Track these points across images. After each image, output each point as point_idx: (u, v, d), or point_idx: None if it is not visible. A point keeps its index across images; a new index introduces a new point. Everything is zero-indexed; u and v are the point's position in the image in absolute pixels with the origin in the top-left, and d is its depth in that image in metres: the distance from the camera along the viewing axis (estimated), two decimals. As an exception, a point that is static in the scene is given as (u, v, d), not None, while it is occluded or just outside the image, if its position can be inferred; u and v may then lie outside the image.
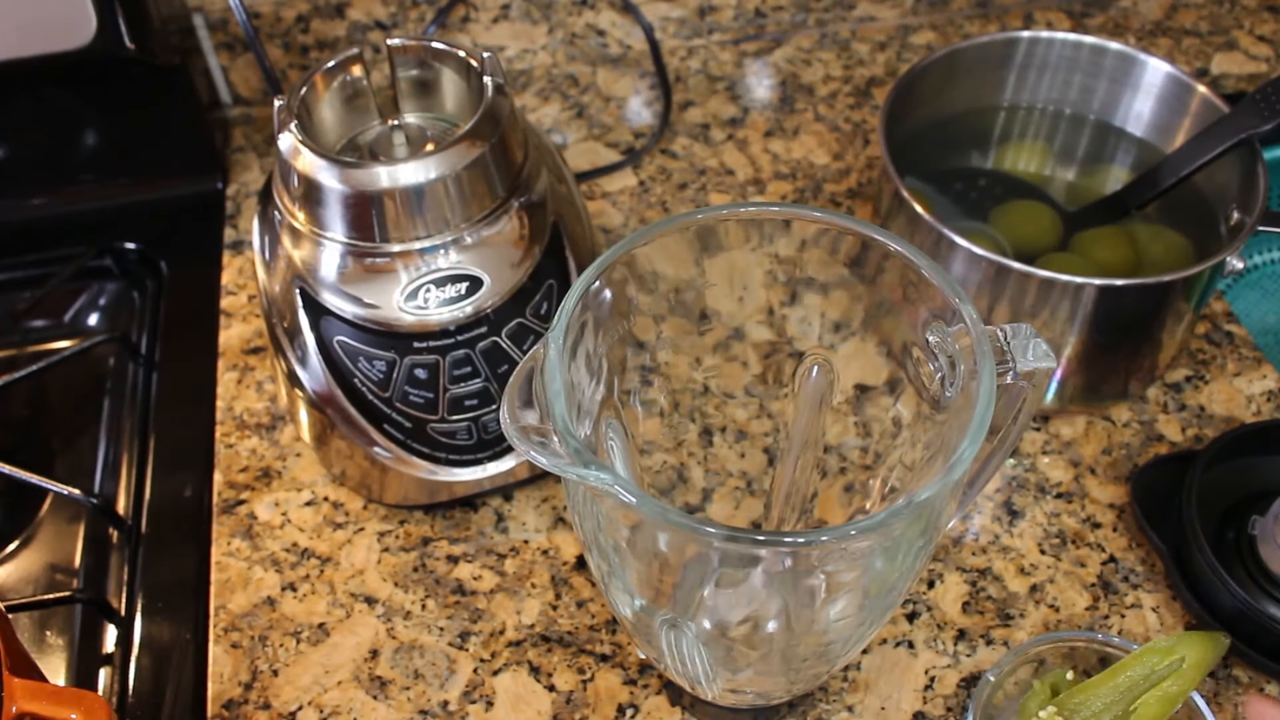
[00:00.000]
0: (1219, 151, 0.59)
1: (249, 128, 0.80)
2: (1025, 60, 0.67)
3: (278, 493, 0.61)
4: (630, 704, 0.53)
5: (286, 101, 0.53)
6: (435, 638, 0.55)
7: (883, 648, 0.54)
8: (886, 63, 0.83)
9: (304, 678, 0.54)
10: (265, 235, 0.56)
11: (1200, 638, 0.48)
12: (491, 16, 0.81)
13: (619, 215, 0.74)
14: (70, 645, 0.57)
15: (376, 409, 0.54)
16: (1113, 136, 0.67)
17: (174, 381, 0.67)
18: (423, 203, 0.51)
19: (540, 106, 0.81)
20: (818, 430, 0.50)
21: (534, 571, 0.57)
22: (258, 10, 0.77)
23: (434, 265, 0.52)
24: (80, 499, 0.60)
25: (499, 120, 0.52)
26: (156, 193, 0.76)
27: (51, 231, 0.75)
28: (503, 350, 0.54)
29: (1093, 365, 0.60)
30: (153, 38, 0.67)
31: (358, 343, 0.53)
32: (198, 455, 0.63)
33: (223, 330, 0.68)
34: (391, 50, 0.56)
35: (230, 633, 0.55)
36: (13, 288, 0.73)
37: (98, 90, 0.71)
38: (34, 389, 0.68)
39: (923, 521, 0.38)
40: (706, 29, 0.85)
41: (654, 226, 0.43)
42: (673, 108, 0.80)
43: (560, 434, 0.37)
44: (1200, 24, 0.86)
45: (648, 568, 0.41)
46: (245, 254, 0.73)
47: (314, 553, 0.58)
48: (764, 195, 0.75)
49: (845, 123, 0.79)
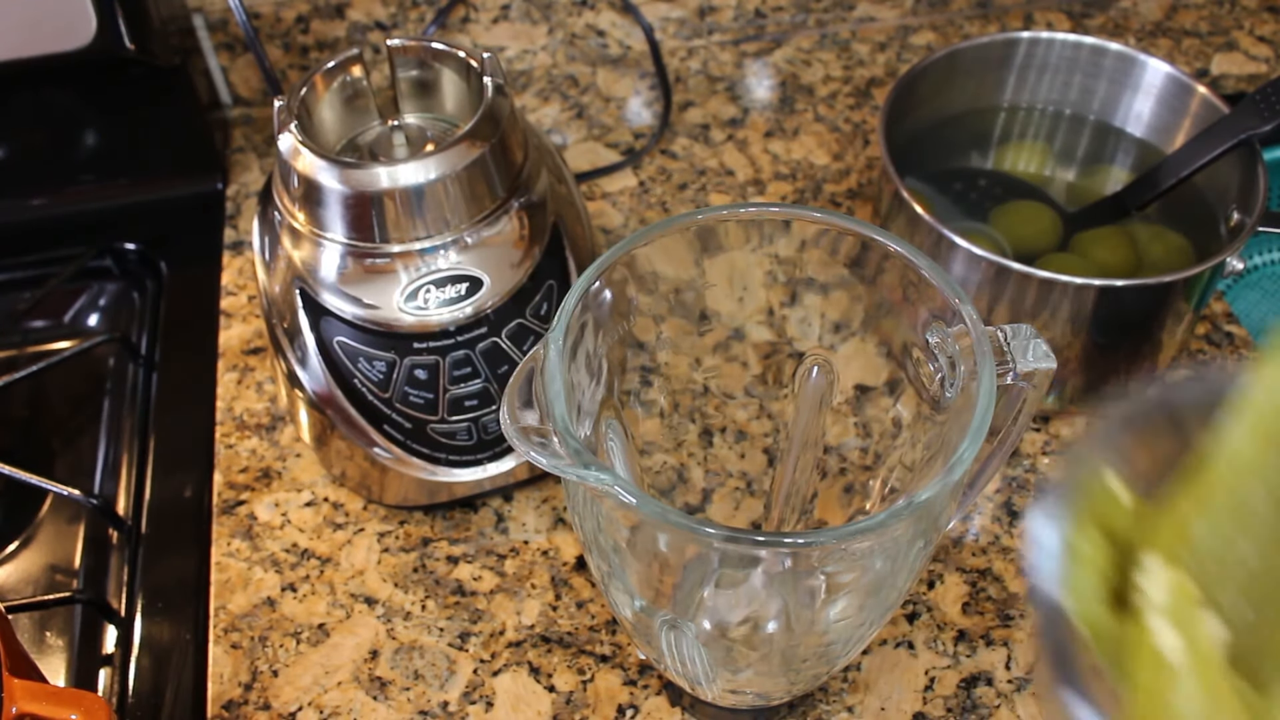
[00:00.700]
0: (1219, 152, 0.59)
1: (249, 128, 0.80)
2: (1025, 61, 0.67)
3: (278, 493, 0.61)
4: (630, 704, 0.53)
5: (286, 102, 0.53)
6: (435, 638, 0.55)
7: (883, 648, 0.54)
8: (886, 63, 0.83)
9: (304, 678, 0.54)
10: (265, 236, 0.56)
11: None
12: (491, 17, 0.81)
13: (619, 216, 0.74)
14: (70, 646, 0.57)
15: (376, 409, 0.54)
16: (1113, 137, 0.67)
17: (174, 382, 0.67)
18: (423, 203, 0.51)
19: (540, 107, 0.81)
20: (818, 431, 0.50)
21: (534, 572, 0.57)
22: (258, 11, 0.77)
23: (434, 266, 0.52)
24: (80, 499, 0.60)
25: (499, 121, 0.52)
26: (156, 193, 0.76)
27: (51, 231, 0.75)
28: (503, 351, 0.54)
29: (1093, 365, 0.60)
30: (153, 38, 0.67)
31: (358, 343, 0.53)
32: (198, 456, 0.63)
33: (223, 331, 0.68)
34: (391, 51, 0.56)
35: (230, 633, 0.55)
36: (13, 288, 0.73)
37: (98, 90, 0.71)
38: (34, 389, 0.68)
39: (923, 522, 0.38)
40: (706, 29, 0.85)
41: (654, 227, 0.43)
42: (673, 108, 0.80)
43: (560, 434, 0.37)
44: (1200, 24, 0.86)
45: (648, 568, 0.41)
46: (245, 254, 0.72)
47: (314, 553, 0.58)
48: (764, 196, 0.75)
49: (845, 123, 0.79)
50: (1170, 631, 0.25)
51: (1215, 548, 0.26)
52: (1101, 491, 0.27)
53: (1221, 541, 0.26)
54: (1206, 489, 0.26)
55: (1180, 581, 0.25)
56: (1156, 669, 0.25)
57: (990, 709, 0.52)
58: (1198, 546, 0.26)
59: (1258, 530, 0.26)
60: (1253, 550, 0.26)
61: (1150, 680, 0.25)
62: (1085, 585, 0.26)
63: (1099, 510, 0.27)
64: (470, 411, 0.55)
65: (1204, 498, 0.26)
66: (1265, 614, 0.25)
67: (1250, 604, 0.26)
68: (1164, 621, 0.25)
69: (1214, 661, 0.25)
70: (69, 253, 0.72)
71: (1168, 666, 0.25)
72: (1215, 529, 0.26)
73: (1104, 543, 0.26)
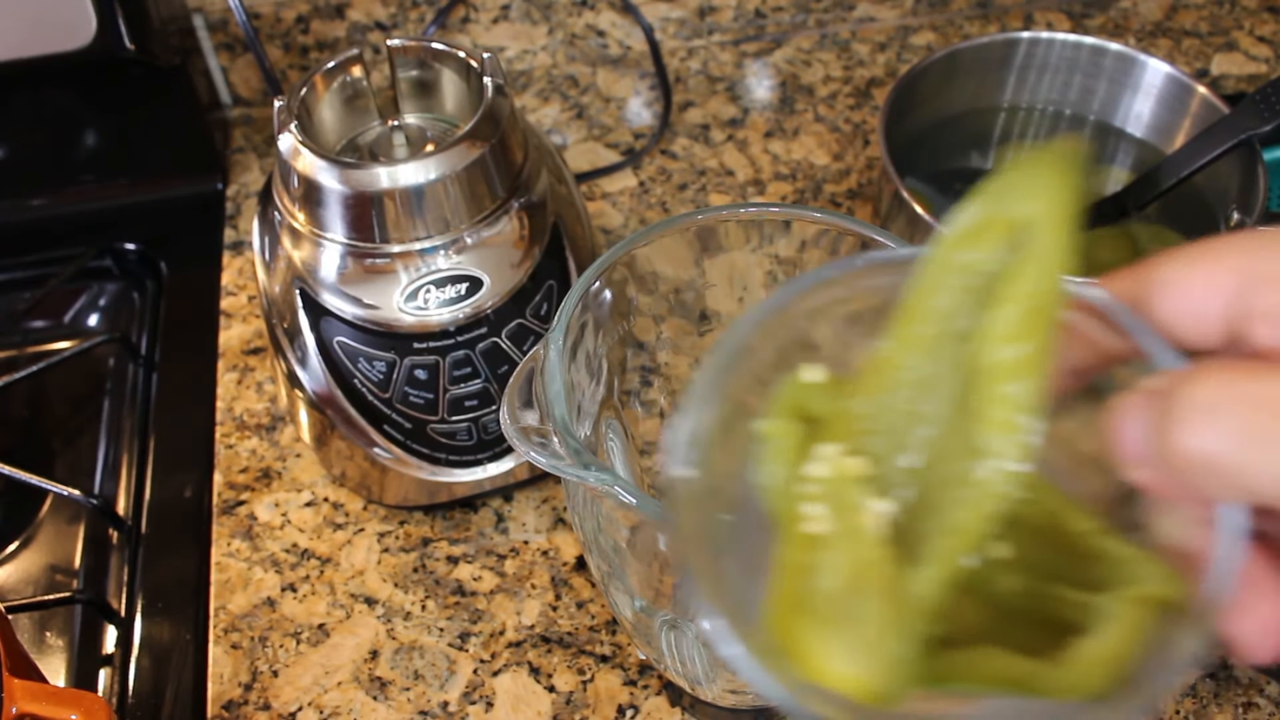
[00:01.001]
0: (1219, 152, 0.59)
1: (249, 128, 0.80)
2: (1025, 61, 0.67)
3: (278, 493, 0.61)
4: (630, 705, 0.53)
5: (286, 102, 0.53)
6: (435, 638, 0.55)
7: (883, 648, 0.54)
8: (886, 63, 0.83)
9: (304, 678, 0.54)
10: (265, 236, 0.56)
11: (1035, 165, 0.26)
12: (491, 17, 0.81)
13: (619, 216, 0.74)
14: (70, 646, 0.57)
15: (376, 410, 0.54)
16: (1113, 137, 0.67)
17: (174, 382, 0.67)
18: (422, 203, 0.51)
19: (540, 107, 0.81)
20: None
21: (534, 572, 0.57)
22: (258, 11, 0.77)
23: (434, 266, 0.52)
24: (80, 500, 0.60)
25: (499, 121, 0.52)
26: (156, 193, 0.76)
27: (51, 232, 0.75)
28: (503, 351, 0.54)
29: (1093, 366, 0.60)
30: (153, 38, 0.67)
31: (358, 343, 0.53)
32: (198, 456, 0.63)
33: (223, 331, 0.68)
34: (391, 51, 0.56)
35: (230, 633, 0.55)
36: (13, 288, 0.73)
37: (98, 91, 0.71)
38: (34, 390, 0.68)
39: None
40: (706, 30, 0.85)
41: (654, 227, 0.43)
42: (673, 108, 0.80)
43: (560, 435, 0.37)
44: (1200, 25, 0.86)
45: (648, 568, 0.41)
46: (245, 254, 0.72)
47: (314, 553, 0.58)
48: (764, 196, 0.75)
49: (845, 123, 0.79)
50: (821, 509, 0.25)
51: (891, 421, 0.26)
52: (796, 377, 0.28)
53: (897, 414, 0.26)
54: (886, 354, 0.26)
55: (842, 461, 0.26)
56: (806, 547, 0.25)
57: (990, 709, 0.52)
58: (876, 420, 0.26)
59: (930, 397, 0.26)
60: (925, 415, 0.26)
61: (797, 557, 0.25)
62: (774, 471, 0.26)
63: (794, 396, 0.27)
64: (470, 412, 0.55)
65: (882, 365, 0.26)
66: (930, 488, 0.26)
67: (917, 478, 0.26)
68: (818, 501, 0.25)
69: (866, 538, 0.25)
70: (69, 253, 0.72)
71: (815, 542, 0.25)
72: (891, 400, 0.26)
73: (796, 427, 0.27)
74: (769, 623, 0.25)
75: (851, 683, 0.24)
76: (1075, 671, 0.25)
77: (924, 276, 0.26)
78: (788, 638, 0.25)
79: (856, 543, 0.25)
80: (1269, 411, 0.22)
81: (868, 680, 0.24)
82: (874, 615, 0.24)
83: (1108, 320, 0.26)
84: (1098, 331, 0.27)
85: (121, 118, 0.73)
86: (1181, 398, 0.23)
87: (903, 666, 0.24)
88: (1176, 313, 0.25)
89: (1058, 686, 0.25)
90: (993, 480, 0.24)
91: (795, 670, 0.25)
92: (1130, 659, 0.25)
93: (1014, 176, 0.25)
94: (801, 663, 0.25)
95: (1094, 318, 0.27)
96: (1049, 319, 0.24)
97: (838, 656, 0.24)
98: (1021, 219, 0.25)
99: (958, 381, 0.25)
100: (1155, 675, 0.24)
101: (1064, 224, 0.25)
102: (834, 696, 0.25)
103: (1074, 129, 0.68)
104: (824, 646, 0.24)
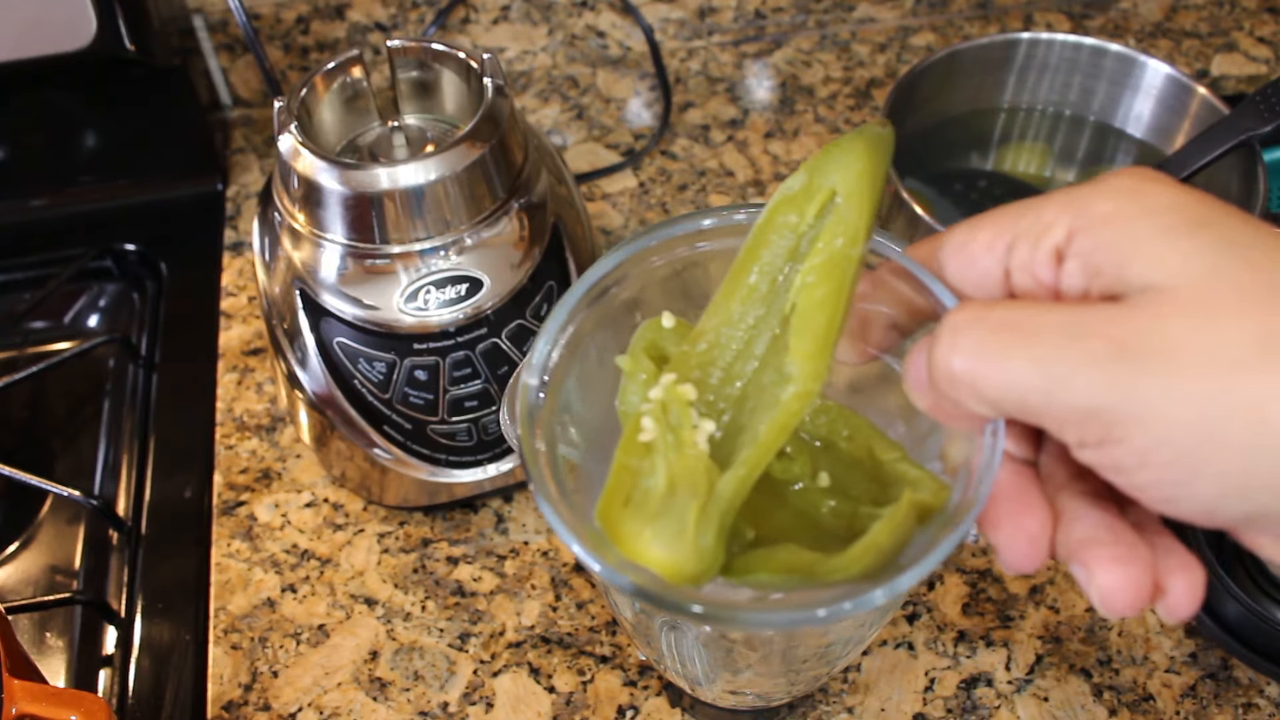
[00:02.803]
0: (1219, 153, 0.59)
1: (249, 129, 0.80)
2: (1025, 62, 0.67)
3: (278, 494, 0.61)
4: (630, 705, 0.53)
5: (286, 103, 0.53)
6: (435, 639, 0.55)
7: (883, 649, 0.54)
8: (886, 64, 0.83)
9: (304, 679, 0.54)
10: (265, 236, 0.56)
11: (846, 144, 0.31)
12: (491, 18, 0.81)
13: (619, 216, 0.74)
14: (70, 647, 0.57)
15: (376, 410, 0.54)
16: (1113, 138, 0.67)
17: (174, 383, 0.67)
18: (422, 204, 0.51)
19: (540, 108, 0.81)
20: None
21: (534, 573, 0.57)
22: (258, 11, 0.77)
23: (434, 266, 0.52)
24: (80, 500, 0.60)
25: (499, 122, 0.52)
26: (156, 194, 0.76)
27: (51, 232, 0.75)
28: (503, 351, 0.54)
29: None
30: (153, 39, 0.67)
31: (358, 344, 0.53)
32: (198, 457, 0.63)
33: (223, 331, 0.68)
34: (391, 52, 0.56)
35: (230, 634, 0.55)
36: (13, 289, 0.73)
37: (98, 91, 0.71)
38: (34, 390, 0.68)
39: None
40: (706, 30, 0.85)
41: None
42: (673, 109, 0.80)
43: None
44: (1200, 25, 0.86)
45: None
46: (245, 255, 0.73)
47: (314, 554, 0.58)
48: (764, 196, 0.75)
49: (845, 124, 0.79)
50: (652, 422, 0.31)
51: (724, 357, 0.32)
52: (654, 322, 0.34)
53: (730, 352, 0.32)
54: (723, 302, 0.32)
55: (675, 388, 0.31)
56: (638, 453, 0.31)
57: (990, 710, 0.52)
58: (712, 356, 0.32)
59: (756, 337, 0.32)
60: (751, 353, 0.32)
61: (630, 462, 0.31)
62: (628, 398, 0.33)
63: (650, 337, 0.33)
64: (470, 412, 0.55)
65: (720, 311, 0.32)
66: (747, 412, 0.32)
67: (740, 404, 0.32)
68: (651, 417, 0.31)
69: (688, 448, 0.31)
70: (69, 253, 0.72)
71: (646, 449, 0.31)
72: (726, 339, 0.32)
73: (650, 363, 0.33)
74: (599, 511, 0.30)
75: (664, 564, 0.29)
76: (846, 559, 0.30)
77: (753, 236, 0.32)
78: (614, 525, 0.30)
79: (680, 452, 0.30)
80: (1002, 331, 0.26)
81: (678, 563, 0.29)
82: (687, 510, 0.29)
83: (912, 280, 0.31)
84: (907, 291, 0.32)
85: (121, 118, 0.73)
86: (942, 324, 0.27)
87: (708, 554, 0.29)
88: (962, 269, 0.29)
89: (831, 571, 0.30)
90: (790, 400, 0.30)
91: (618, 552, 0.30)
92: (893, 551, 0.30)
93: (829, 153, 0.31)
94: (623, 546, 0.30)
95: (901, 279, 0.32)
96: (846, 269, 0.30)
97: (655, 542, 0.29)
98: (831, 189, 0.31)
99: (777, 323, 0.31)
100: (914, 563, 0.29)
101: (866, 194, 0.30)
102: (648, 575, 0.30)
103: (1074, 130, 0.68)
104: (643, 533, 0.30)
